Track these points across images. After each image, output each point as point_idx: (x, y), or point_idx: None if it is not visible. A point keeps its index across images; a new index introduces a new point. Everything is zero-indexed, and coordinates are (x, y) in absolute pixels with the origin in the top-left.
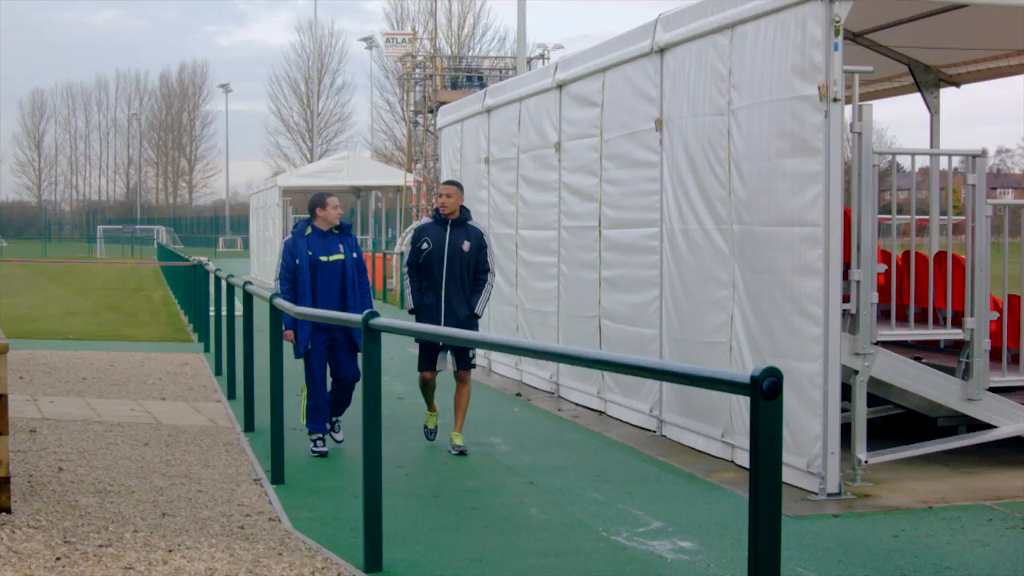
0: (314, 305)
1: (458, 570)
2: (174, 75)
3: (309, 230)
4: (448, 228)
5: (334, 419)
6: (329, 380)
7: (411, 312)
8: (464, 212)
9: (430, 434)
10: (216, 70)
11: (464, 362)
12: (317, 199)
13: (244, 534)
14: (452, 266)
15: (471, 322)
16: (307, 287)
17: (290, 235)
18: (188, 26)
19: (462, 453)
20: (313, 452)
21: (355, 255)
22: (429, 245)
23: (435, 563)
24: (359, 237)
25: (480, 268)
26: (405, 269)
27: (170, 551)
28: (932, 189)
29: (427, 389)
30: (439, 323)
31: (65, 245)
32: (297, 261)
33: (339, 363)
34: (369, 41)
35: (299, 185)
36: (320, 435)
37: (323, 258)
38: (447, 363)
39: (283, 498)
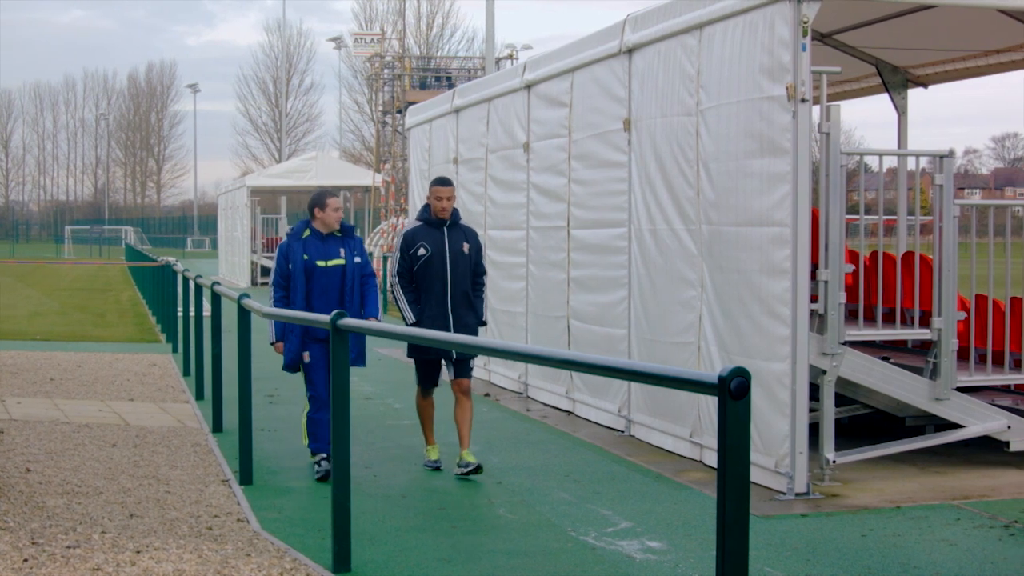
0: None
1: (426, 570)
2: (142, 75)
3: (307, 232)
4: (445, 230)
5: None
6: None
7: (412, 327)
8: (455, 212)
9: (434, 464)
10: (184, 70)
11: (465, 369)
12: (316, 199)
13: (212, 535)
14: (456, 272)
15: (477, 331)
16: (300, 294)
17: (285, 237)
18: (156, 26)
19: (477, 470)
20: (317, 474)
21: (358, 259)
22: (427, 250)
23: (403, 563)
24: None
25: (477, 271)
26: (394, 279)
27: (138, 552)
28: (900, 189)
29: (427, 411)
30: None
31: (33, 245)
32: (291, 266)
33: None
34: (338, 41)
35: (267, 185)
36: (325, 455)
37: (320, 263)
38: (443, 374)
39: (251, 499)
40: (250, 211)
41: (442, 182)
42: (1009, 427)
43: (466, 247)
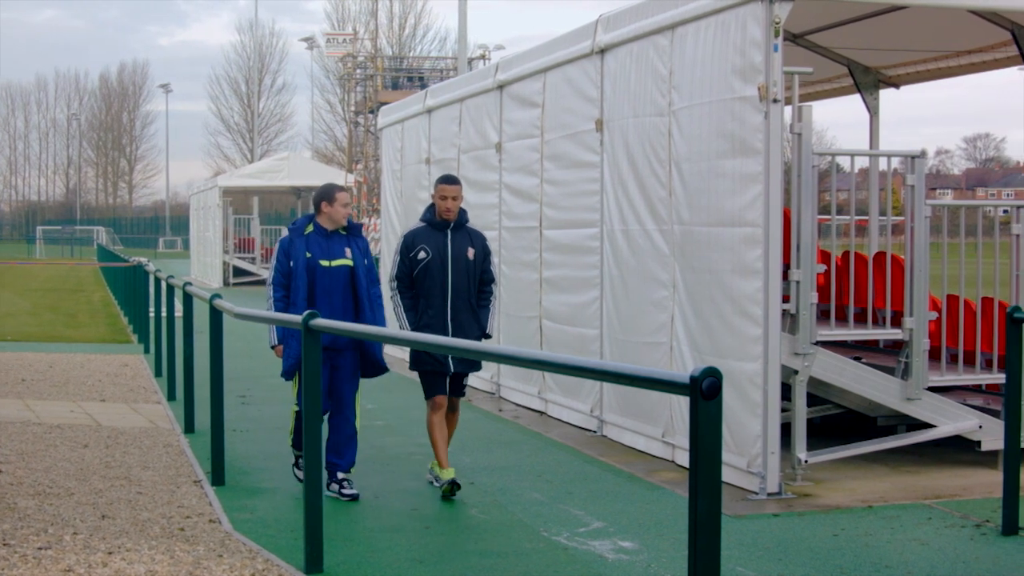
0: None
1: (399, 571)
2: (114, 75)
3: (311, 228)
4: (449, 233)
5: (341, 476)
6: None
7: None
8: (462, 214)
9: (453, 488)
10: (157, 70)
11: (459, 388)
12: (324, 193)
13: (184, 536)
14: (458, 278)
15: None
16: (301, 294)
17: (287, 233)
18: (129, 26)
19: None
20: (296, 473)
21: (366, 261)
22: (428, 254)
23: (376, 564)
24: None
25: (484, 279)
26: (393, 284)
27: (110, 553)
28: (872, 190)
29: (439, 429)
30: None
31: (4, 246)
32: (292, 263)
33: (339, 387)
34: (310, 41)
35: (239, 185)
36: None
37: (324, 262)
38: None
39: (223, 500)
40: (222, 211)
41: (448, 180)
42: (981, 427)
43: (471, 252)
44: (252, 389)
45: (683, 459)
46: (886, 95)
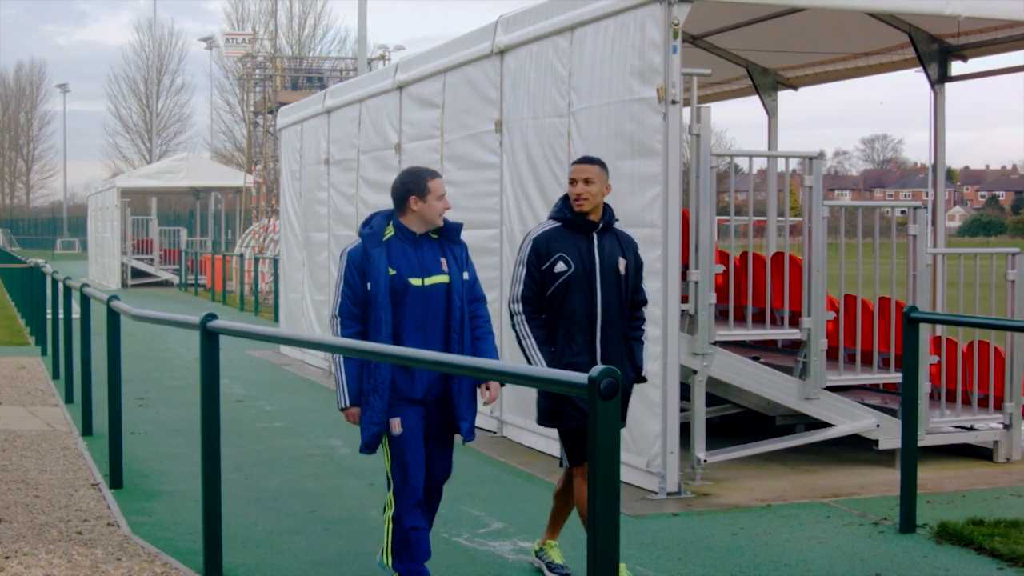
0: None
1: (298, 573)
2: (11, 75)
3: (391, 231)
4: (595, 237)
5: None
6: None
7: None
8: (607, 211)
9: (563, 570)
10: (55, 70)
11: None
12: (412, 181)
13: (82, 539)
14: (609, 299)
15: (631, 390)
16: (386, 328)
17: (358, 241)
18: (27, 25)
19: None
20: None
21: (466, 275)
22: (569, 265)
23: (276, 567)
24: (198, 239)
25: (637, 299)
26: (517, 307)
27: (6, 558)
28: (770, 191)
29: (571, 499)
30: None
31: None
32: (369, 286)
33: (428, 452)
34: (209, 41)
35: (138, 186)
36: None
37: (415, 281)
38: None
39: (121, 502)
40: (120, 212)
41: (581, 159)
42: (878, 425)
43: (623, 264)
44: (150, 391)
45: None
46: (784, 96)
